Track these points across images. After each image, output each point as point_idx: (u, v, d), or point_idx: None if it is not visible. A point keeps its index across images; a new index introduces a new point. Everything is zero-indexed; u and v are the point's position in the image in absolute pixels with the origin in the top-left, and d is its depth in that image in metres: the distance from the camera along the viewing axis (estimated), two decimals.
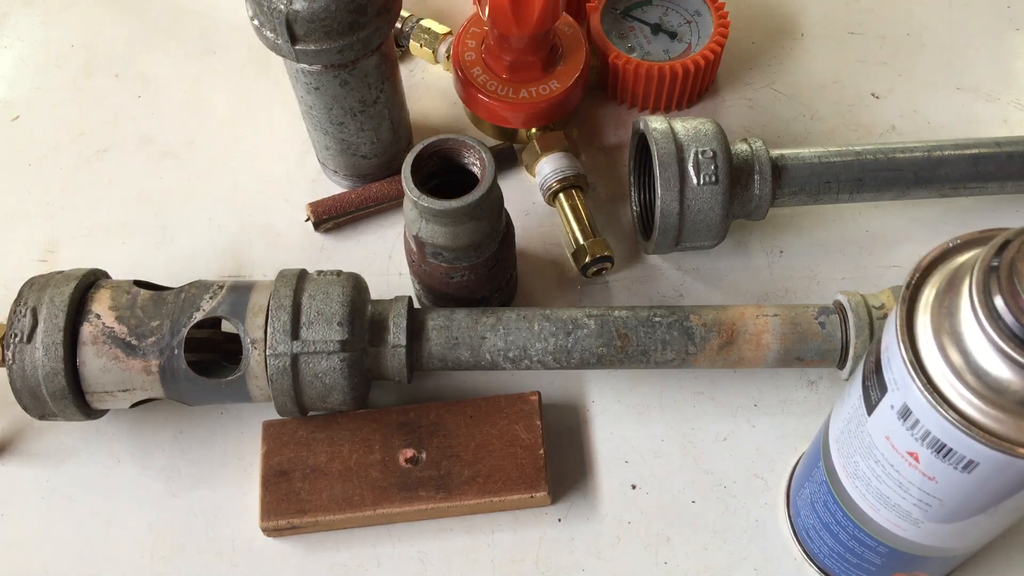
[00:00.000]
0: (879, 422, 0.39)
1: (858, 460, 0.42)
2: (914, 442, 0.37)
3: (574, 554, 0.54)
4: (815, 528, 0.49)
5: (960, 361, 0.34)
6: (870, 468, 0.41)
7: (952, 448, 0.35)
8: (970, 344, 0.33)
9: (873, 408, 0.39)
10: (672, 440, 0.57)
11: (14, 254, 0.65)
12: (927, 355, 0.35)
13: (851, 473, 0.43)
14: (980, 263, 0.33)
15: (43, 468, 0.57)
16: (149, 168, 0.69)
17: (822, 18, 0.75)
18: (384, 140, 0.63)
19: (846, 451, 0.43)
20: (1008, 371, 0.33)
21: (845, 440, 0.43)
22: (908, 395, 0.36)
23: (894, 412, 0.37)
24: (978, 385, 0.33)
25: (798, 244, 0.64)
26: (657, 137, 0.57)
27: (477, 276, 0.56)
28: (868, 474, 0.42)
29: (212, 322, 0.55)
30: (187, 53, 0.74)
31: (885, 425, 0.39)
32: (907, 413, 0.37)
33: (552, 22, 0.60)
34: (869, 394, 0.40)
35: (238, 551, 0.54)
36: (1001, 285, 0.32)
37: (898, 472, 0.39)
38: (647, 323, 0.54)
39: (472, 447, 0.54)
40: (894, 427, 0.38)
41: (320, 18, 0.52)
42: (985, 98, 0.70)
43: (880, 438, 0.39)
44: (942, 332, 0.34)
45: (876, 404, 0.39)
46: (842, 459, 0.44)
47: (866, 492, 0.43)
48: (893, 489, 0.40)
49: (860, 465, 0.42)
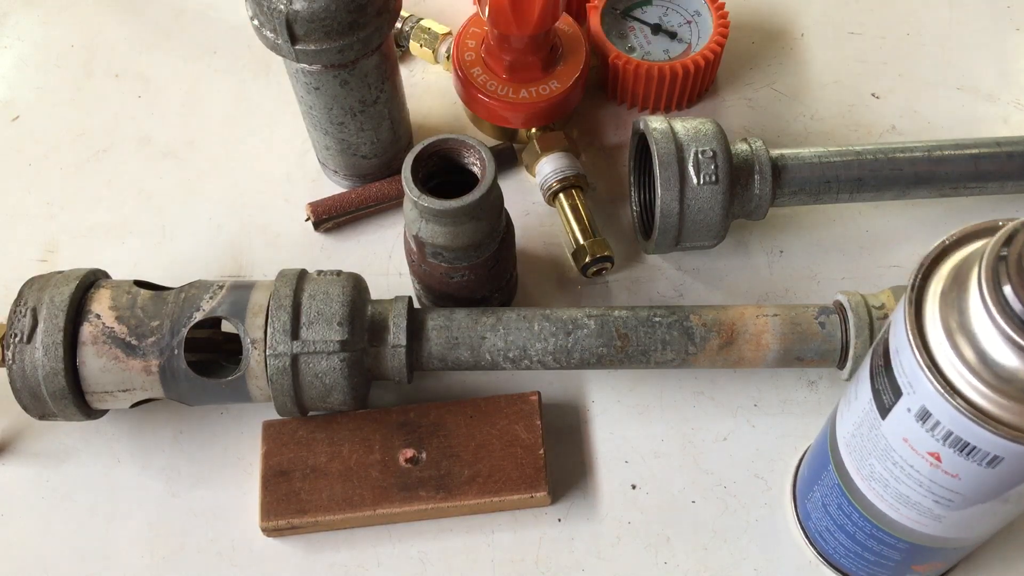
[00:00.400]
0: (895, 426, 0.39)
1: (874, 463, 0.42)
2: (935, 443, 0.37)
3: (574, 554, 0.54)
4: (829, 530, 0.49)
5: (972, 356, 0.34)
6: (887, 470, 0.41)
7: (976, 446, 0.35)
8: (981, 337, 0.33)
9: (887, 412, 0.39)
10: (672, 440, 0.57)
11: (14, 254, 0.65)
12: (940, 354, 0.35)
13: (866, 476, 0.43)
14: (988, 254, 0.33)
15: (43, 468, 0.57)
16: (149, 168, 0.69)
17: (822, 18, 0.75)
18: (384, 140, 0.63)
19: (859, 454, 0.43)
20: (1020, 361, 0.33)
21: (857, 443, 0.43)
22: (927, 398, 0.36)
23: (911, 415, 0.37)
24: (992, 378, 0.33)
25: (798, 244, 0.64)
26: (657, 137, 0.57)
27: (477, 276, 0.56)
28: (886, 476, 0.41)
29: (212, 322, 0.55)
30: (187, 53, 0.74)
31: (902, 428, 0.38)
32: (926, 416, 0.36)
33: (552, 22, 0.60)
34: (881, 398, 0.39)
35: (238, 551, 0.54)
36: (1010, 274, 0.32)
37: (918, 472, 0.39)
38: (647, 323, 0.54)
39: (472, 447, 0.54)
40: (912, 429, 0.38)
41: (320, 18, 0.52)
42: (985, 98, 0.70)
43: (897, 441, 0.39)
44: (952, 328, 0.34)
45: (890, 408, 0.39)
46: (855, 462, 0.43)
47: (884, 493, 0.42)
48: (913, 489, 0.40)
49: (876, 467, 0.42)
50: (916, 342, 0.35)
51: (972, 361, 0.34)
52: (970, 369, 0.34)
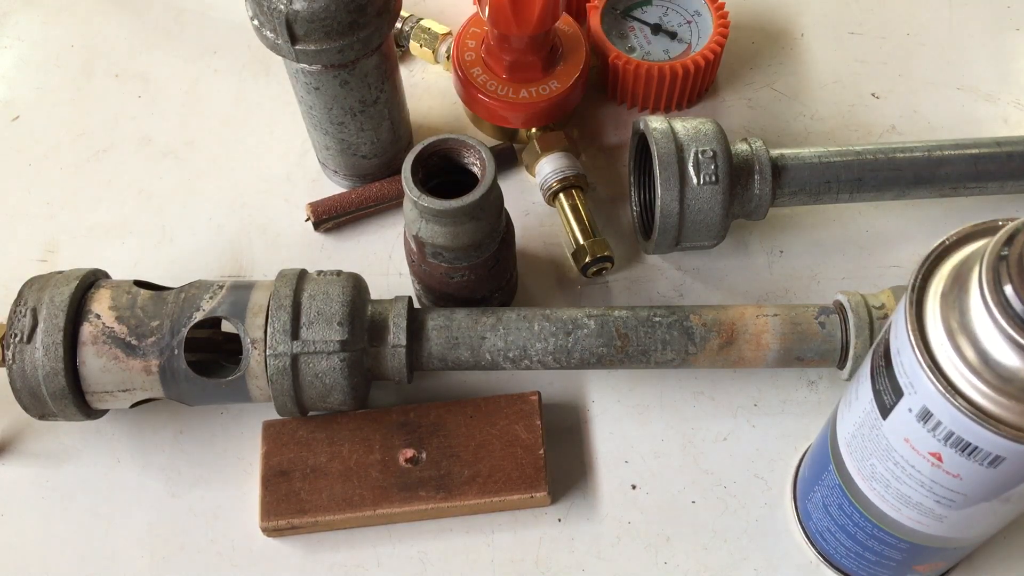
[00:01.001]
0: (896, 426, 0.39)
1: (875, 463, 0.42)
2: (936, 443, 0.37)
3: (574, 554, 0.54)
4: (830, 530, 0.49)
5: (974, 356, 0.34)
6: (888, 470, 0.41)
7: (978, 446, 0.35)
8: (982, 337, 0.33)
9: (888, 412, 0.39)
10: (672, 440, 0.57)
11: (14, 254, 0.65)
12: (941, 354, 0.35)
13: (868, 476, 0.43)
14: (989, 253, 0.33)
15: (43, 468, 0.57)
16: (149, 168, 0.69)
17: (822, 18, 0.75)
18: (384, 140, 0.63)
19: (860, 455, 0.43)
20: (1021, 361, 0.33)
21: (858, 444, 0.43)
22: (928, 398, 0.36)
23: (912, 415, 0.37)
24: (993, 378, 0.33)
25: (798, 244, 0.64)
26: (657, 137, 0.57)
27: (477, 276, 0.56)
28: (887, 476, 0.41)
29: (212, 322, 0.55)
30: (187, 53, 0.74)
31: (903, 429, 0.38)
32: (927, 416, 0.36)
33: (552, 22, 0.60)
34: (882, 398, 0.39)
35: (238, 551, 0.54)
36: (1011, 274, 0.32)
37: (920, 473, 0.39)
38: (647, 323, 0.54)
39: (472, 447, 0.54)
40: (913, 430, 0.38)
41: (320, 18, 0.52)
42: (985, 98, 0.70)
43: (899, 441, 0.39)
44: (953, 328, 0.34)
45: (891, 408, 0.39)
46: (856, 463, 0.43)
47: (885, 493, 0.42)
48: (915, 489, 0.40)
49: (877, 468, 0.42)
50: (917, 342, 0.35)
51: (973, 361, 0.34)
52: (971, 369, 0.34)
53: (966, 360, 0.34)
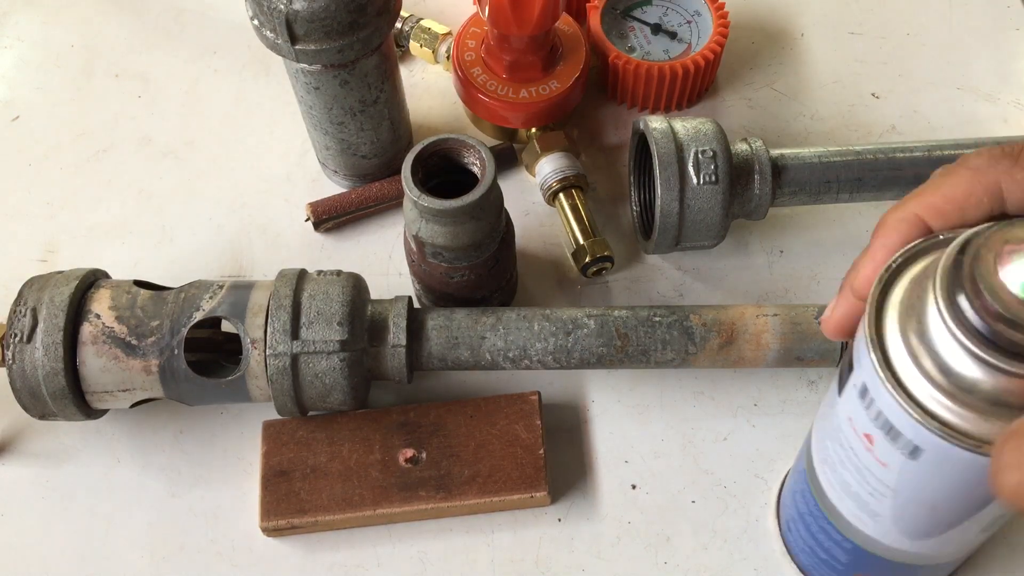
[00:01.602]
0: (844, 404, 0.39)
1: (827, 444, 0.42)
2: (869, 423, 0.37)
3: (574, 554, 0.54)
4: (793, 519, 0.50)
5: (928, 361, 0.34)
6: (836, 453, 0.41)
7: (900, 431, 0.35)
8: (937, 344, 0.33)
9: (842, 388, 0.39)
10: (672, 440, 0.57)
11: (14, 254, 0.65)
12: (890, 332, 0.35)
13: (822, 459, 0.43)
14: (943, 263, 0.33)
15: (43, 468, 0.57)
16: (149, 168, 0.69)
17: (822, 18, 0.75)
18: (384, 140, 0.63)
19: (819, 435, 0.43)
20: (976, 370, 0.33)
21: (820, 424, 0.43)
22: (865, 372, 0.36)
23: (856, 391, 0.38)
24: (946, 383, 0.33)
25: (798, 244, 0.64)
26: (657, 137, 0.57)
27: (477, 276, 0.56)
28: (834, 459, 0.42)
29: (212, 322, 0.55)
30: (187, 53, 0.74)
31: (849, 406, 0.39)
32: (865, 392, 0.37)
33: (552, 22, 0.60)
34: (842, 375, 0.40)
35: (238, 551, 0.54)
36: (964, 284, 0.32)
37: (856, 456, 0.39)
38: (647, 323, 0.54)
39: (472, 447, 0.54)
40: (855, 407, 0.38)
41: (320, 18, 0.52)
42: (985, 98, 0.70)
43: (844, 419, 0.40)
44: (909, 329, 0.35)
45: (844, 384, 0.39)
46: (817, 444, 0.44)
47: (832, 478, 0.43)
48: (853, 475, 0.41)
49: (829, 449, 0.42)
50: (870, 318, 0.35)
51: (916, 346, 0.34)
52: (911, 354, 0.34)
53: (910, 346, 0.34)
